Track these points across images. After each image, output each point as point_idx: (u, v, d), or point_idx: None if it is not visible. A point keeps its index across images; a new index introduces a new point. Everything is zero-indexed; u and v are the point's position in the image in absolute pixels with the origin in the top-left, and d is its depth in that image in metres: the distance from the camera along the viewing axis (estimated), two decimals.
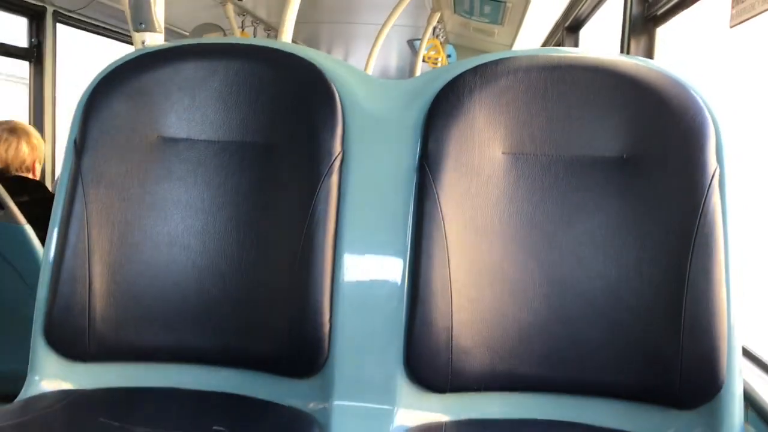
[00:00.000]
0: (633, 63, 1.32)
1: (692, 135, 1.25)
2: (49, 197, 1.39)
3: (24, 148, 2.60)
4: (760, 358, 1.46)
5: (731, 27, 1.77)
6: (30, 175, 2.64)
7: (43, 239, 1.56)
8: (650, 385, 1.23)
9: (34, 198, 2.41)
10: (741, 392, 1.22)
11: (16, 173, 2.59)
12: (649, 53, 2.46)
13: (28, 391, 1.33)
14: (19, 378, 1.35)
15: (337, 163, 1.33)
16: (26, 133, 2.64)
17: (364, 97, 1.39)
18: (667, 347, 1.21)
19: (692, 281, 1.21)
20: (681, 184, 1.24)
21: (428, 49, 6.80)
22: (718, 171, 1.23)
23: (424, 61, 6.78)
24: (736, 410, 1.21)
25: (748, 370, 1.40)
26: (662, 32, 2.39)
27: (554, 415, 1.29)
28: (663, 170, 1.26)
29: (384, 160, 1.35)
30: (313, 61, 1.39)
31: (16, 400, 1.30)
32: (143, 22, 1.75)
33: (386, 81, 1.46)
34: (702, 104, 1.27)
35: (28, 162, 2.62)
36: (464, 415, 1.29)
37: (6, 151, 2.57)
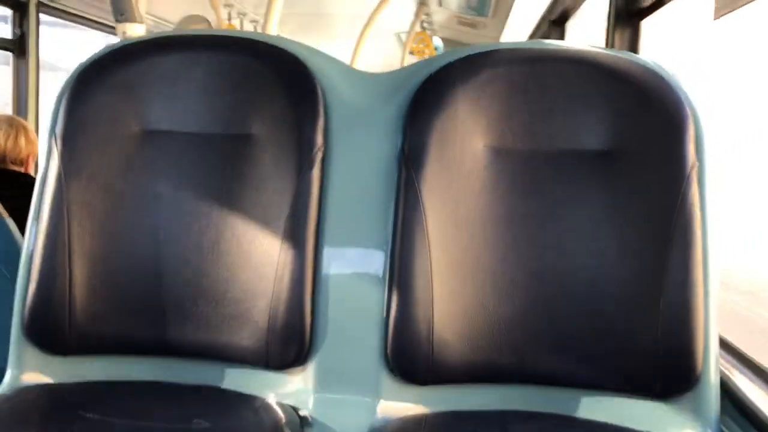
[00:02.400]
0: (615, 56, 1.32)
1: (672, 128, 1.26)
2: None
3: (21, 141, 2.61)
4: (737, 348, 1.48)
5: (715, 19, 1.77)
6: (22, 169, 2.63)
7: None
8: (628, 375, 1.24)
9: (20, 192, 2.39)
10: (718, 383, 1.23)
11: (11, 165, 2.59)
12: (633, 47, 2.47)
13: (7, 386, 1.32)
14: (2, 373, 1.35)
15: (318, 156, 1.32)
16: (24, 127, 2.67)
17: (346, 89, 1.38)
18: (645, 338, 1.22)
19: (671, 273, 1.21)
20: (661, 177, 1.25)
21: (417, 42, 6.79)
22: (697, 164, 1.24)
23: (411, 53, 6.77)
24: (712, 401, 1.22)
25: (725, 361, 1.41)
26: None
27: (534, 406, 1.30)
28: (643, 163, 1.27)
29: (366, 152, 1.35)
30: (295, 53, 1.39)
31: None
32: (123, 12, 1.74)
33: (369, 73, 1.45)
34: (683, 98, 1.27)
35: (23, 155, 2.63)
36: (445, 407, 1.30)
37: (5, 141, 2.58)
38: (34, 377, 1.34)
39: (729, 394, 1.28)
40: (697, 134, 1.26)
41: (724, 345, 1.45)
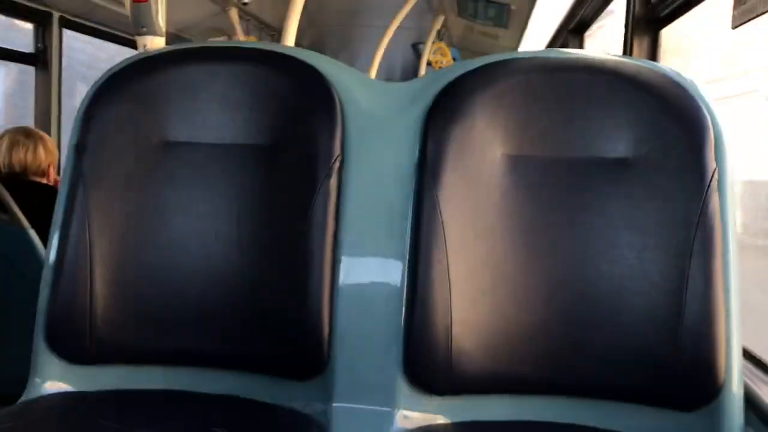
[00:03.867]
0: (633, 64, 1.32)
1: (692, 136, 1.25)
2: None
3: (40, 152, 2.63)
4: (760, 359, 1.46)
5: (733, 28, 1.77)
6: (44, 180, 2.66)
7: None
8: (650, 386, 1.23)
9: (43, 203, 2.43)
10: (741, 393, 1.21)
11: (33, 177, 2.62)
12: (652, 55, 2.46)
13: (29, 394, 1.33)
14: (23, 382, 1.36)
15: (336, 166, 1.33)
16: (42, 138, 2.69)
17: (363, 99, 1.39)
18: (667, 348, 1.21)
19: (692, 282, 1.20)
20: (681, 185, 1.24)
21: (434, 53, 6.81)
22: (717, 172, 1.23)
23: (429, 64, 6.79)
24: (736, 412, 1.20)
25: (749, 371, 1.39)
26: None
27: (555, 417, 1.29)
28: (663, 172, 1.26)
29: (383, 162, 1.35)
30: (313, 64, 1.40)
31: (17, 402, 1.31)
32: (145, 25, 1.76)
33: (386, 83, 1.46)
34: (702, 106, 1.26)
35: (44, 166, 2.65)
36: (464, 417, 1.29)
37: (25, 154, 2.60)
38: (54, 385, 1.35)
39: (753, 405, 1.26)
40: (717, 143, 1.25)
41: (749, 356, 1.43)
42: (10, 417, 1.21)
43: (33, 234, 2.16)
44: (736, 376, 1.20)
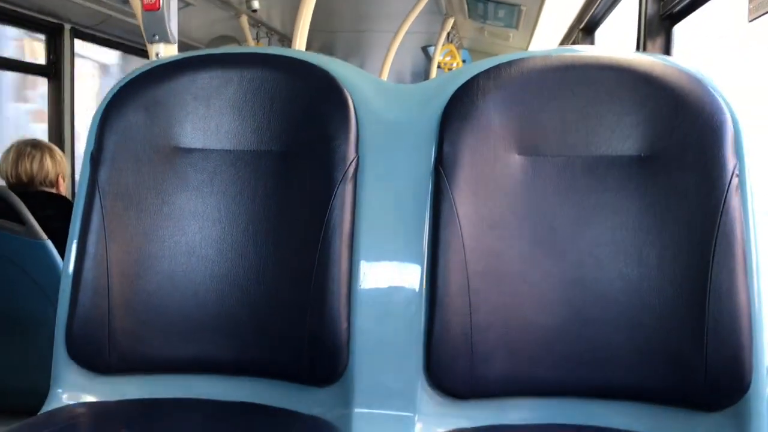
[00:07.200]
0: (649, 60, 1.31)
1: (711, 132, 1.23)
2: (71, 211, 1.41)
3: (48, 162, 2.64)
4: None
5: (750, 21, 1.75)
6: (53, 190, 2.67)
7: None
8: (674, 387, 1.21)
9: (57, 212, 2.43)
10: (767, 393, 1.19)
11: (41, 187, 2.62)
12: (665, 52, 2.44)
13: (50, 405, 1.33)
14: (43, 393, 1.36)
15: (351, 170, 1.32)
16: (49, 148, 2.70)
17: (377, 102, 1.38)
18: (690, 348, 1.19)
19: (714, 280, 1.19)
20: (700, 182, 1.22)
21: (444, 55, 6.82)
22: (737, 167, 1.22)
23: (439, 67, 6.79)
24: (763, 411, 1.19)
25: None
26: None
27: (577, 419, 1.27)
28: (682, 168, 1.24)
29: (399, 165, 1.34)
30: (326, 68, 1.39)
31: (39, 413, 1.31)
32: (157, 33, 1.76)
33: (400, 86, 1.45)
34: (720, 100, 1.25)
35: (52, 176, 2.66)
36: (486, 422, 1.28)
37: (31, 164, 2.61)
38: (75, 396, 1.35)
39: None
40: (737, 138, 1.23)
41: None
42: (32, 428, 1.21)
43: (50, 245, 2.17)
44: (762, 375, 1.19)
